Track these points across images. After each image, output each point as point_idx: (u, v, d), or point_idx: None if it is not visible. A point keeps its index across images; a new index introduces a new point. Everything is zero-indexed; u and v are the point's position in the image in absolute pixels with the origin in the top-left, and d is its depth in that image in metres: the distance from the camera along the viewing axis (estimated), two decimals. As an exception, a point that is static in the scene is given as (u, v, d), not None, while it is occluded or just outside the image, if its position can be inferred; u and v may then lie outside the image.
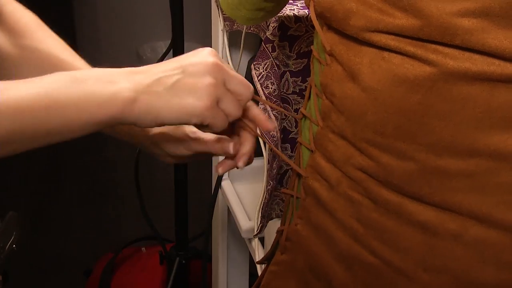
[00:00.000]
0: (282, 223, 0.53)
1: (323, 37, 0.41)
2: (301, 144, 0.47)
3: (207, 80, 0.36)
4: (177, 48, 1.02)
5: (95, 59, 0.47)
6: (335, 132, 0.42)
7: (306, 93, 0.48)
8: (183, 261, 1.09)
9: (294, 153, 0.60)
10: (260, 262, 0.60)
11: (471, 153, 0.36)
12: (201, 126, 0.37)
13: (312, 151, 0.45)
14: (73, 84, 0.34)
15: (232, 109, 0.39)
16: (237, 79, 0.40)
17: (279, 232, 0.51)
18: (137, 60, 2.14)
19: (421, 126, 0.37)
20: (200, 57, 0.38)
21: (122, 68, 0.36)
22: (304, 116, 0.46)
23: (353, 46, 0.38)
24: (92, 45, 2.13)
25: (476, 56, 0.33)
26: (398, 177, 0.39)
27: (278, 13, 0.62)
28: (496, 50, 0.32)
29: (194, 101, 0.36)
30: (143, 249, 1.24)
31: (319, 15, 0.40)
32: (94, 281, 1.24)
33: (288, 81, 0.82)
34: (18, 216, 0.65)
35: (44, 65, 0.50)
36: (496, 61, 0.32)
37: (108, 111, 0.33)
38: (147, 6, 2.15)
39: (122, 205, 1.61)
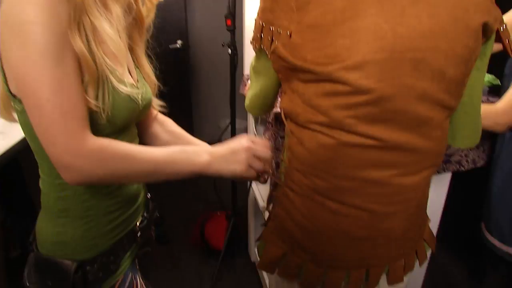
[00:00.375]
0: (267, 206, 0.91)
1: (287, 125, 0.77)
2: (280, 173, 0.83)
3: (243, 156, 0.73)
4: (233, 123, 2.04)
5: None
6: (294, 168, 0.76)
7: (283, 148, 0.82)
8: (235, 220, 2.16)
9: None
10: (264, 225, 0.90)
11: (354, 178, 0.70)
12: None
13: (284, 176, 0.80)
14: (182, 154, 0.71)
15: (258, 167, 0.75)
16: (261, 150, 0.75)
17: (268, 210, 0.89)
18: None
19: (332, 166, 0.70)
20: (240, 144, 0.73)
21: (205, 147, 0.74)
22: (282, 160, 0.82)
23: (300, 129, 0.73)
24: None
25: (354, 135, 0.66)
26: (322, 189, 0.72)
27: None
28: (362, 133, 0.66)
29: (237, 167, 0.73)
30: (218, 213, 2.33)
31: (285, 114, 0.77)
32: (197, 227, 2.32)
33: (279, 141, 1.44)
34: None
35: (175, 138, 0.96)
36: (362, 138, 0.66)
37: (197, 168, 0.71)
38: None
39: (208, 192, 2.43)
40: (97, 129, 0.67)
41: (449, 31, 0.63)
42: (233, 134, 2.01)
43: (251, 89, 0.94)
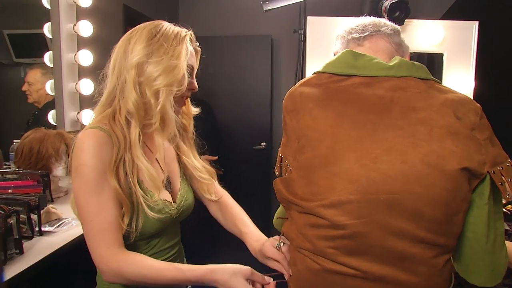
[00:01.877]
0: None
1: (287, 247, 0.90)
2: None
3: None
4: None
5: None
6: (292, 283, 0.85)
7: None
8: None
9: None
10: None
11: None
12: None
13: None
14: (203, 277, 0.84)
15: None
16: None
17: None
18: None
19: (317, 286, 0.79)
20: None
21: (218, 272, 0.83)
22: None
23: (295, 252, 0.82)
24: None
25: (336, 264, 0.74)
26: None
27: None
28: (342, 263, 0.73)
29: None
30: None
31: (285, 236, 0.90)
32: None
33: None
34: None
35: (230, 216, 1.11)
36: (344, 267, 0.73)
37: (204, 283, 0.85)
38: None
39: None
40: (129, 237, 0.88)
41: (422, 176, 0.71)
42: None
43: (279, 206, 1.08)
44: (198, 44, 1.03)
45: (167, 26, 0.95)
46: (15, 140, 1.83)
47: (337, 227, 0.73)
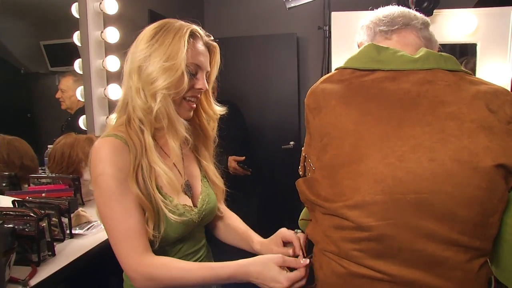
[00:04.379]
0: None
1: (313, 249, 0.86)
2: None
3: (280, 285, 0.79)
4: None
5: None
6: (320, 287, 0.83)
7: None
8: None
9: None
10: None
11: None
12: None
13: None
14: (236, 273, 0.82)
15: None
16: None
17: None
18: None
19: None
20: (279, 284, 0.79)
21: (250, 265, 0.81)
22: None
23: (320, 254, 0.79)
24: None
25: (362, 267, 0.71)
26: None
27: None
28: (369, 266, 0.70)
29: None
30: None
31: (309, 238, 0.86)
32: None
33: None
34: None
35: (234, 232, 1.09)
36: (370, 271, 0.70)
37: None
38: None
39: None
40: (153, 243, 0.88)
41: (453, 174, 0.67)
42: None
43: (304, 208, 1.06)
44: (212, 38, 0.97)
45: (172, 22, 0.91)
46: (49, 146, 1.90)
47: (362, 229, 0.70)
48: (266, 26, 3.48)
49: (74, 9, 2.13)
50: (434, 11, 1.96)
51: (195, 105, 0.97)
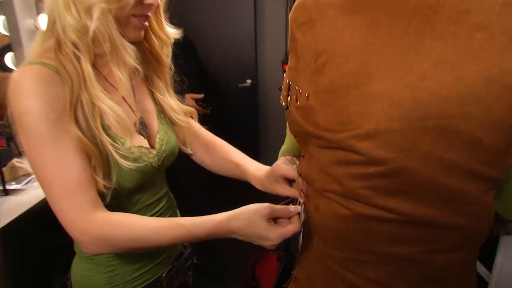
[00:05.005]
0: (293, 269, 0.84)
1: (305, 190, 0.75)
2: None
3: (271, 243, 0.68)
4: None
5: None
6: (312, 232, 0.72)
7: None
8: (286, 262, 2.16)
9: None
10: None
11: (373, 252, 0.64)
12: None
13: (304, 239, 0.78)
14: (215, 231, 0.69)
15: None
16: (291, 231, 0.69)
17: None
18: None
19: (348, 237, 0.65)
20: (266, 234, 0.67)
21: (232, 221, 0.68)
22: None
23: (317, 195, 0.69)
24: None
25: (371, 207, 0.60)
26: (340, 259, 0.68)
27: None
28: (379, 206, 0.60)
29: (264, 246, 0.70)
30: (271, 253, 2.29)
31: (303, 179, 0.75)
32: (249, 266, 2.34)
33: None
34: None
35: (219, 153, 0.97)
36: (380, 211, 0.60)
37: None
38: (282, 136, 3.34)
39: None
40: (104, 196, 0.71)
41: (482, 95, 0.56)
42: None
43: (284, 144, 0.92)
44: None
45: None
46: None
47: (374, 163, 0.58)
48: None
49: None
50: None
51: (147, 23, 0.77)
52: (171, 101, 0.91)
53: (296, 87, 0.71)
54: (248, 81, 3.19)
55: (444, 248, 0.65)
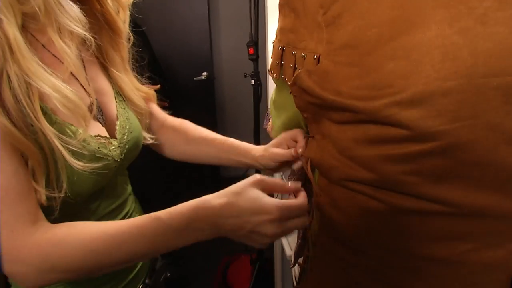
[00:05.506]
0: (298, 283, 0.70)
1: (315, 181, 0.57)
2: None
3: (267, 240, 0.52)
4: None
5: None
6: (327, 235, 0.58)
7: (312, 208, 0.62)
8: (260, 264, 2.00)
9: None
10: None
11: (412, 257, 0.50)
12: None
13: (314, 244, 0.62)
14: (196, 216, 0.51)
15: (291, 230, 0.53)
16: (294, 209, 0.52)
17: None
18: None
19: (380, 240, 0.50)
20: (262, 208, 0.50)
21: (213, 202, 0.51)
22: (311, 220, 0.61)
23: (335, 187, 0.53)
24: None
25: (413, 199, 0.46)
26: (366, 268, 0.53)
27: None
28: (425, 195, 0.45)
29: (257, 245, 0.53)
30: (242, 256, 2.13)
31: (314, 166, 0.57)
32: (219, 271, 2.18)
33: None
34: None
35: (208, 144, 0.80)
36: (425, 202, 0.46)
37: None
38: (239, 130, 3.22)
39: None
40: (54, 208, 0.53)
41: None
42: (258, 170, 1.83)
43: (273, 129, 0.77)
44: None
45: None
46: None
47: (422, 138, 0.43)
48: None
49: None
50: None
51: None
52: (130, 79, 0.72)
53: (294, 52, 0.55)
54: (204, 73, 2.99)
55: (494, 242, 0.51)
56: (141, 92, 0.77)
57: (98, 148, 0.58)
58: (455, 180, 0.45)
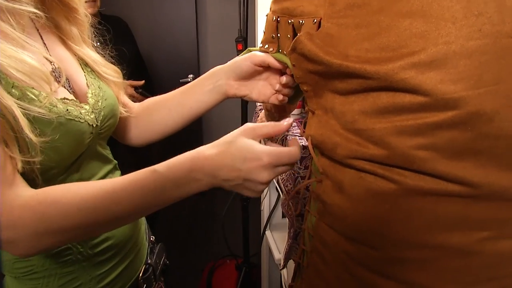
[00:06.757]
0: (292, 280, 0.65)
1: (317, 162, 0.51)
2: (305, 230, 0.58)
3: (261, 187, 0.51)
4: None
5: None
6: (328, 225, 0.51)
7: (308, 198, 0.57)
8: (246, 269, 1.92)
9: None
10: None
11: (424, 246, 0.44)
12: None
13: (312, 236, 0.55)
14: (193, 166, 0.50)
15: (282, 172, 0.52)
16: (286, 157, 0.50)
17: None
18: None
19: (389, 226, 0.45)
20: (256, 156, 0.49)
21: (205, 168, 0.49)
22: (308, 211, 0.57)
23: (339, 168, 0.48)
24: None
25: (428, 178, 0.41)
26: (372, 260, 0.47)
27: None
28: (441, 173, 0.40)
29: (252, 194, 0.52)
30: (228, 261, 2.06)
31: (314, 146, 0.51)
32: (203, 277, 2.09)
33: (299, 181, 1.05)
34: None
35: (182, 97, 0.74)
36: (441, 182, 0.41)
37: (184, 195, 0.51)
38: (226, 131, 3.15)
39: (215, 237, 2.42)
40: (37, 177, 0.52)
41: None
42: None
43: None
44: None
45: None
46: None
47: (441, 106, 0.39)
48: None
49: None
50: None
51: None
52: (91, 53, 0.67)
53: (291, 21, 0.50)
54: (191, 76, 2.94)
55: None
56: (109, 69, 0.71)
57: (67, 110, 0.54)
58: (475, 157, 0.41)
